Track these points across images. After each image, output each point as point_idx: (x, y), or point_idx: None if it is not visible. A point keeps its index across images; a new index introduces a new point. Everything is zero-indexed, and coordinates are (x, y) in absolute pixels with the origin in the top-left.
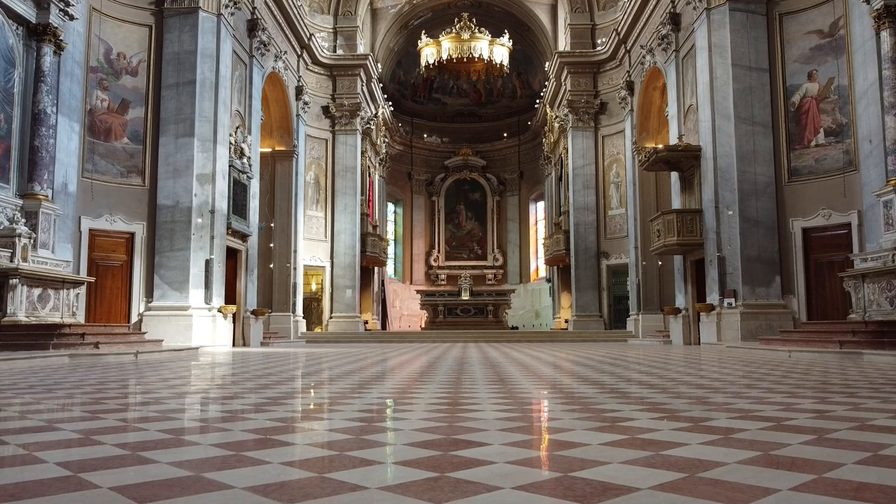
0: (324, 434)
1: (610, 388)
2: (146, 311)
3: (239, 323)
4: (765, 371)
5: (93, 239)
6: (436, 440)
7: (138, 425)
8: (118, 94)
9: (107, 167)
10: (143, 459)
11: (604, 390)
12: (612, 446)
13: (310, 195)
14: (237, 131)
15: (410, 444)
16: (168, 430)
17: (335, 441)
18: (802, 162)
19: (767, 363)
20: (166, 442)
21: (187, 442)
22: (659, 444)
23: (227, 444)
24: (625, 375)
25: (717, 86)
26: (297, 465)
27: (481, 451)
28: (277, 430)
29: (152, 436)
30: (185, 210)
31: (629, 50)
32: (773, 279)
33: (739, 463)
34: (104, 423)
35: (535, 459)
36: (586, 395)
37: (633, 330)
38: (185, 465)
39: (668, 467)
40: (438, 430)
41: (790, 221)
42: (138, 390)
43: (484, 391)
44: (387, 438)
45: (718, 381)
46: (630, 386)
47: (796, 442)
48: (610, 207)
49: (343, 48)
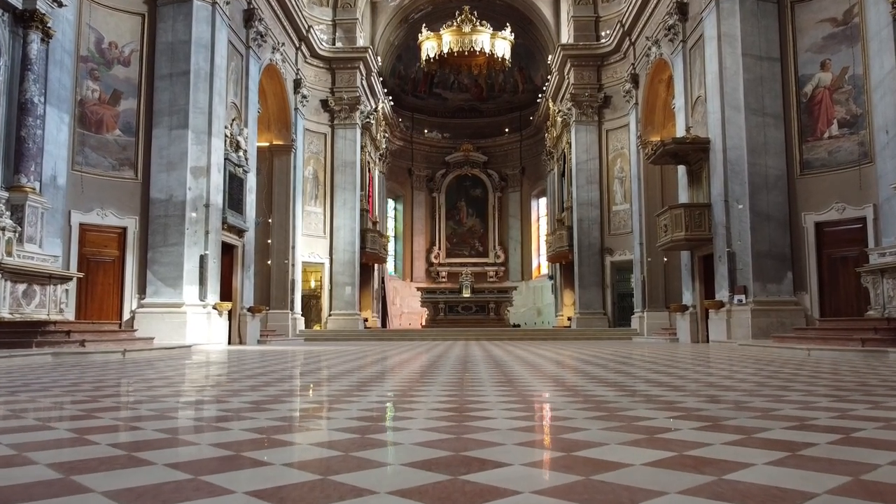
0: (307, 450)
1: (630, 390)
2: (139, 308)
3: (235, 320)
4: (791, 371)
5: (83, 233)
6: (441, 458)
7: (90, 437)
8: (110, 84)
9: (98, 160)
10: (76, 486)
11: (624, 392)
12: (659, 467)
13: (308, 190)
14: (233, 124)
15: (411, 465)
16: (121, 445)
17: (322, 459)
18: (815, 154)
19: (788, 362)
20: (112, 461)
21: (141, 460)
22: (717, 464)
23: (184, 463)
24: (642, 376)
25: (727, 76)
26: (268, 496)
27: (500, 476)
28: (251, 445)
29: (102, 451)
30: (179, 204)
31: (634, 42)
32: (785, 275)
33: (830, 494)
34: (53, 433)
35: (570, 488)
36: (607, 398)
37: (637, 327)
38: (122, 495)
39: (742, 498)
40: (444, 443)
41: (802, 216)
42: (113, 393)
43: (492, 394)
44: (383, 456)
45: (747, 381)
46: (652, 388)
47: (885, 462)
48: (614, 203)
49: (342, 41)
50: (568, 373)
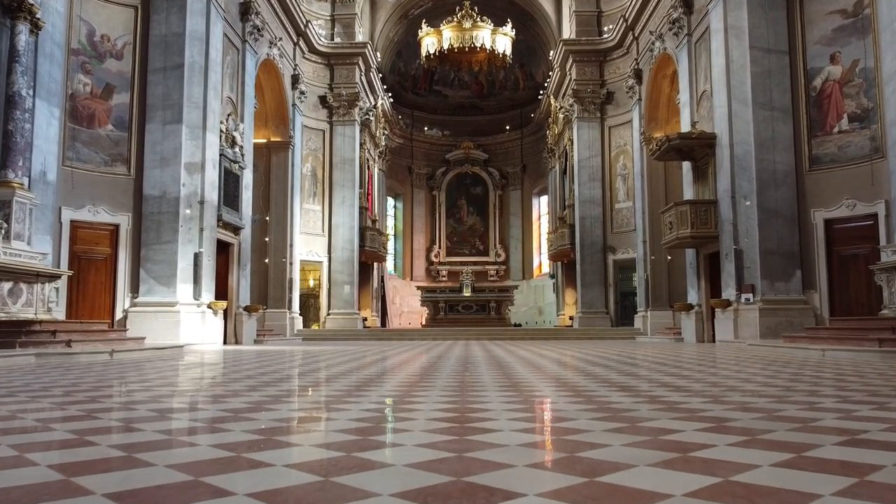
0: (282, 474)
1: (646, 395)
2: (131, 307)
3: (231, 320)
4: (812, 373)
5: (74, 231)
6: (440, 486)
7: (29, 457)
8: (102, 78)
9: (90, 155)
10: None
11: (639, 397)
12: (707, 500)
13: (307, 188)
14: (229, 119)
15: (403, 496)
16: (62, 467)
17: (293, 488)
18: (825, 149)
19: (805, 364)
20: (44, 487)
21: (79, 490)
22: (778, 494)
23: (129, 492)
24: (656, 378)
25: (734, 69)
26: None
27: None
28: (224, 466)
29: (42, 474)
30: (173, 201)
31: (637, 37)
32: (794, 273)
33: None
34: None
35: None
36: (622, 405)
37: (640, 327)
38: None
39: None
40: (444, 464)
41: (811, 212)
42: (87, 399)
43: (496, 400)
44: (370, 483)
45: (771, 385)
46: (670, 393)
47: None
48: (617, 200)
49: (341, 36)
50: (575, 375)
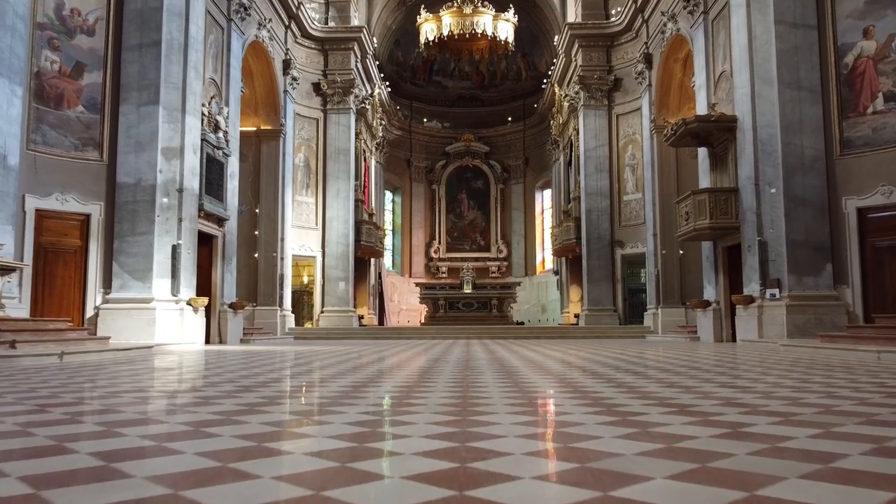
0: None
1: (699, 414)
2: (103, 304)
3: (215, 318)
4: (894, 380)
5: (40, 221)
6: None
7: None
8: (72, 55)
9: (58, 139)
10: None
11: (693, 416)
12: None
13: (299, 179)
14: (212, 101)
15: None
16: None
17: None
18: (857, 132)
19: (864, 367)
20: None
21: None
22: None
23: None
24: (701, 389)
25: (757, 46)
26: None
27: None
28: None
29: None
30: (149, 188)
31: (647, 19)
32: (824, 267)
33: None
34: None
35: None
36: (687, 435)
37: (651, 325)
38: None
39: None
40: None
41: (843, 200)
42: None
43: (507, 422)
44: None
45: (844, 397)
46: (727, 410)
47: None
48: (625, 192)
49: (335, 21)
50: (599, 384)
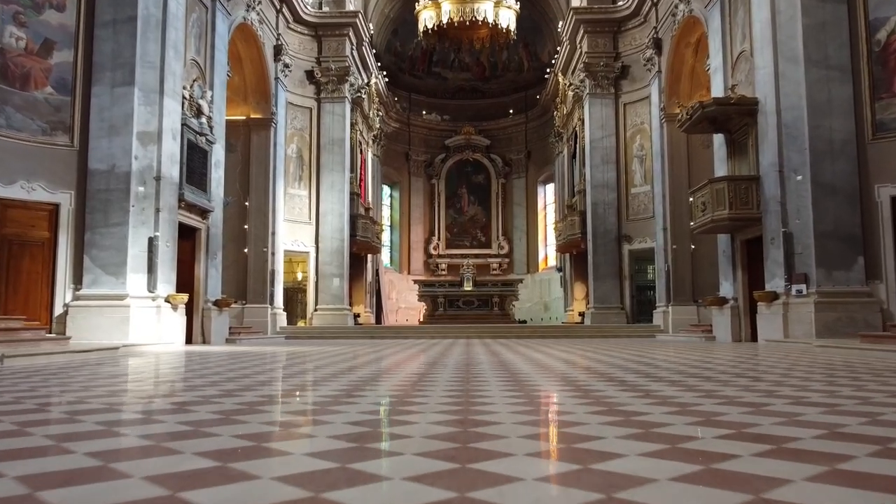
0: None
1: (772, 441)
2: (73, 301)
3: (198, 316)
4: None
5: (4, 211)
6: None
7: None
8: (40, 32)
9: (24, 122)
10: None
11: (766, 444)
12: None
13: (291, 171)
14: (194, 84)
15: None
16: None
17: None
18: (891, 114)
19: None
20: None
21: None
22: None
23: None
24: (755, 402)
25: (781, 23)
26: None
27: None
28: None
29: None
30: (123, 176)
31: (656, 2)
32: (855, 261)
33: None
34: None
35: None
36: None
37: (661, 324)
38: None
39: None
40: None
41: (876, 188)
42: None
43: (521, 453)
44: None
45: None
46: (802, 432)
47: None
48: (633, 185)
49: (330, 5)
50: (617, 389)
